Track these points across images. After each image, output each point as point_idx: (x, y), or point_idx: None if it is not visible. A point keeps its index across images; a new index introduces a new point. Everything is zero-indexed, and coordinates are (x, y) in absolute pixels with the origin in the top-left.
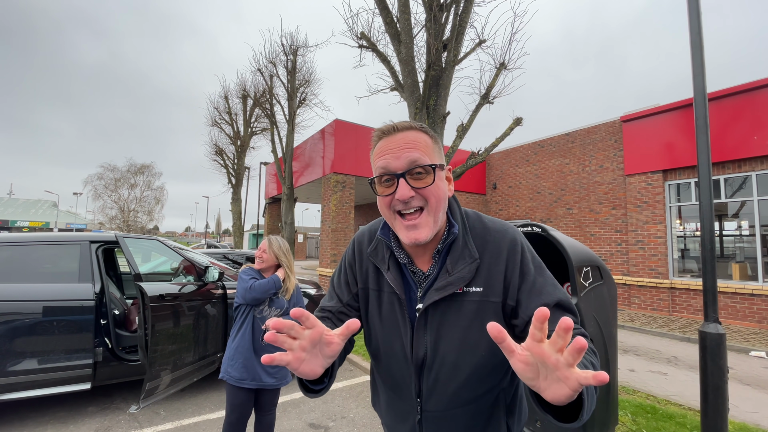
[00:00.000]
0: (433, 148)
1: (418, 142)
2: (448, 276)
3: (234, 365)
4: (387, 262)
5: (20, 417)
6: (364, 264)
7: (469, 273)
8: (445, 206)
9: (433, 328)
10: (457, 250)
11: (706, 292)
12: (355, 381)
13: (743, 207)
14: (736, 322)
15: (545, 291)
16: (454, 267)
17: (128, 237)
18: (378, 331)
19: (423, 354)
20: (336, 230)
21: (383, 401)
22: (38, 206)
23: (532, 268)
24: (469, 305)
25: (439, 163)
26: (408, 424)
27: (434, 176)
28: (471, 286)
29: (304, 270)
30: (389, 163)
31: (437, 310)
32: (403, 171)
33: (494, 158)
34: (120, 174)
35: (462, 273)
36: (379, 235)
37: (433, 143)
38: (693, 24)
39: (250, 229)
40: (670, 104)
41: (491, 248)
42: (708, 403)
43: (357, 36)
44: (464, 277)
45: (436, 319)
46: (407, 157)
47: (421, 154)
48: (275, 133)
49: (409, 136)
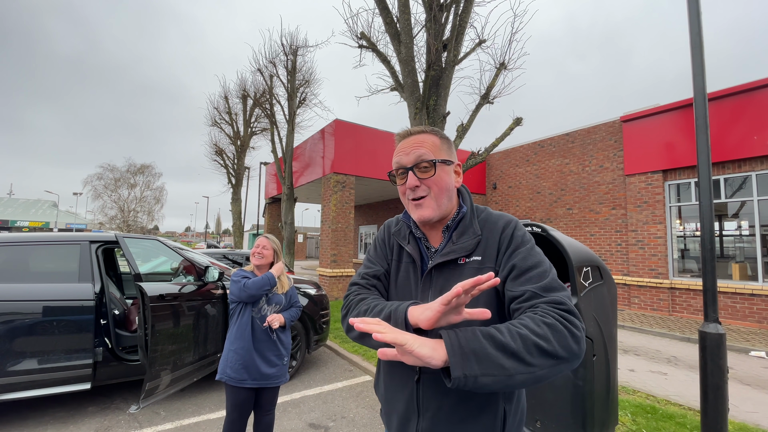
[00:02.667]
0: (440, 146)
1: (425, 141)
2: (453, 245)
3: (233, 366)
4: (407, 238)
5: (20, 417)
6: (390, 241)
7: (471, 245)
8: (449, 194)
9: (437, 290)
10: (463, 226)
11: (706, 292)
12: (355, 381)
13: (743, 207)
14: (736, 322)
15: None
16: (458, 239)
17: (128, 237)
18: (393, 296)
19: None
20: (336, 230)
21: (384, 373)
22: (38, 206)
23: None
24: (468, 272)
25: (442, 159)
26: (407, 390)
27: (435, 169)
28: (472, 256)
29: (304, 270)
30: (402, 159)
31: (441, 274)
32: (411, 165)
33: (494, 158)
34: (120, 174)
35: (464, 244)
36: (401, 218)
37: (441, 143)
38: (693, 24)
39: (250, 229)
40: (670, 104)
41: (490, 226)
42: (708, 403)
43: (357, 36)
44: (466, 248)
45: (440, 282)
46: (414, 153)
47: (426, 151)
48: (275, 133)
49: (418, 138)
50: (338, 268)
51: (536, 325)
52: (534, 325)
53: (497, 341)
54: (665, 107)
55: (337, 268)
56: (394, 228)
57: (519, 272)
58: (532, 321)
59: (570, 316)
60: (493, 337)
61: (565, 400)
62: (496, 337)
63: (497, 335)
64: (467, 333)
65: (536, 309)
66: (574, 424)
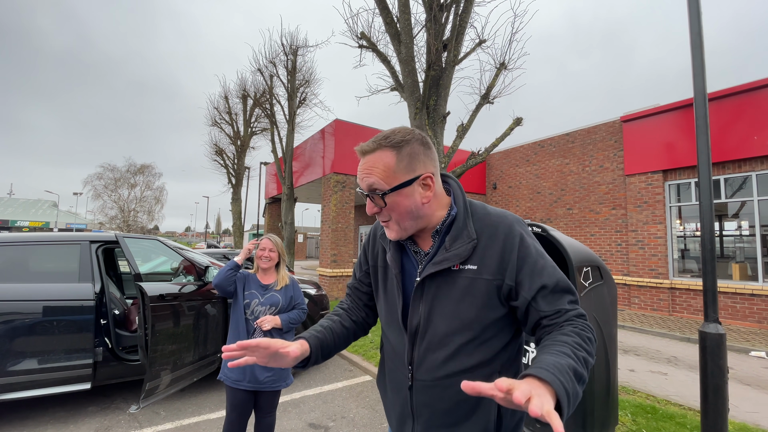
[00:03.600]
0: (395, 167)
1: (375, 166)
2: (446, 252)
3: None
4: (389, 244)
5: (20, 417)
6: (376, 246)
7: (466, 251)
8: (415, 214)
9: (428, 300)
10: (456, 230)
11: (706, 292)
12: (355, 381)
13: (743, 207)
14: (736, 322)
15: (546, 272)
16: (452, 245)
17: (128, 237)
18: (383, 302)
19: (417, 323)
20: (336, 230)
21: (387, 372)
22: (38, 206)
23: (533, 252)
24: (462, 281)
25: (396, 186)
26: (402, 394)
27: (384, 201)
28: (467, 264)
29: (304, 270)
30: (360, 182)
31: (433, 283)
32: (366, 192)
33: (494, 158)
34: (120, 174)
35: (459, 251)
36: None
37: (397, 162)
38: (693, 24)
39: (250, 229)
40: (670, 104)
41: (489, 230)
42: (708, 403)
43: (357, 36)
44: (460, 255)
45: (431, 292)
46: (365, 182)
47: (376, 179)
48: (275, 133)
49: (370, 161)
50: (338, 268)
51: (587, 344)
52: (586, 345)
53: (578, 374)
54: (665, 107)
55: (337, 268)
56: (380, 231)
57: (549, 291)
58: (584, 342)
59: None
60: (576, 371)
61: None
62: (577, 371)
63: (578, 368)
64: (565, 375)
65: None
66: (574, 424)
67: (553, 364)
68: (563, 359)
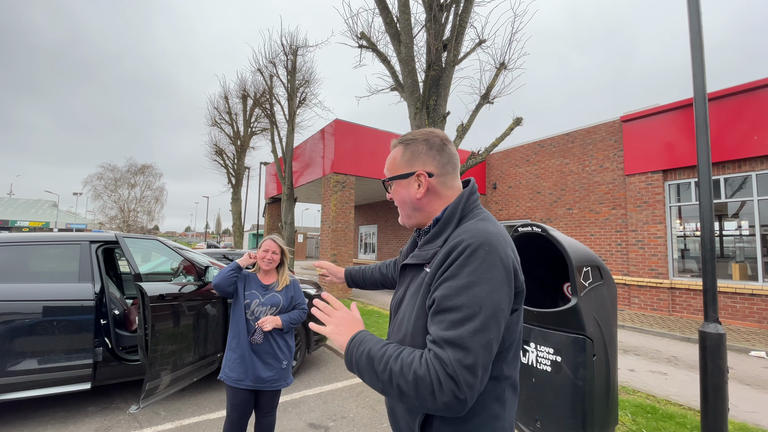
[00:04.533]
0: (399, 161)
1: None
2: (418, 251)
3: (231, 365)
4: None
5: (20, 417)
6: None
7: (428, 256)
8: (411, 205)
9: (404, 287)
10: (432, 234)
11: (706, 292)
12: (355, 381)
13: (743, 207)
14: (736, 322)
15: (446, 291)
16: (422, 246)
17: (128, 237)
18: None
19: (393, 304)
20: (336, 230)
21: None
22: (38, 206)
23: (457, 271)
24: (420, 279)
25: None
26: None
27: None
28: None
29: (304, 270)
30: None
31: (408, 274)
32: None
33: (494, 158)
34: (120, 174)
35: (423, 253)
36: None
37: (401, 156)
38: (693, 24)
39: (250, 229)
40: (670, 104)
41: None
42: (708, 403)
43: (357, 36)
44: (424, 257)
45: (406, 281)
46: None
47: (386, 169)
48: (275, 133)
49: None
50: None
51: (410, 369)
52: (408, 369)
53: (374, 368)
54: (665, 107)
55: None
56: None
57: (436, 309)
58: (410, 364)
59: (447, 379)
60: (372, 362)
61: (565, 400)
62: (374, 363)
63: (375, 363)
64: (360, 349)
65: (426, 353)
66: (574, 424)
67: (369, 339)
68: (377, 347)
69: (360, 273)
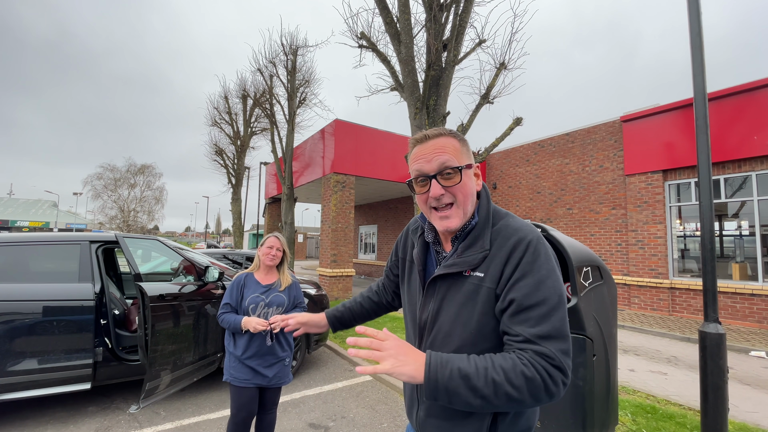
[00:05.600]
0: (461, 150)
1: (446, 146)
2: (457, 258)
3: (234, 366)
4: (417, 241)
5: (20, 417)
6: (408, 240)
7: (476, 260)
8: (473, 199)
9: (438, 299)
10: (471, 239)
11: (706, 292)
12: (355, 381)
13: (743, 207)
14: (736, 322)
15: (524, 290)
16: (463, 252)
17: (128, 237)
18: (405, 294)
19: (426, 318)
20: (336, 230)
21: None
22: (38, 206)
23: (528, 268)
24: (468, 286)
25: (466, 164)
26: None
27: (461, 176)
28: (475, 271)
29: (304, 270)
30: (422, 166)
31: (444, 284)
32: (434, 173)
33: (494, 158)
34: (120, 174)
35: (468, 258)
36: (419, 218)
37: (461, 146)
38: (693, 24)
39: (250, 229)
40: (670, 104)
41: (500, 241)
42: (708, 403)
43: (357, 36)
44: (470, 263)
45: (441, 292)
46: (437, 160)
47: (449, 156)
48: (275, 133)
49: (438, 143)
50: (338, 268)
51: (515, 374)
52: (513, 374)
53: (471, 384)
54: (665, 107)
55: (337, 268)
56: (412, 227)
57: (517, 309)
58: (513, 369)
59: (555, 372)
60: (468, 378)
61: (565, 400)
62: (471, 379)
63: (473, 378)
64: (446, 370)
65: (523, 354)
66: (574, 424)
67: (451, 358)
68: (465, 363)
69: (348, 312)
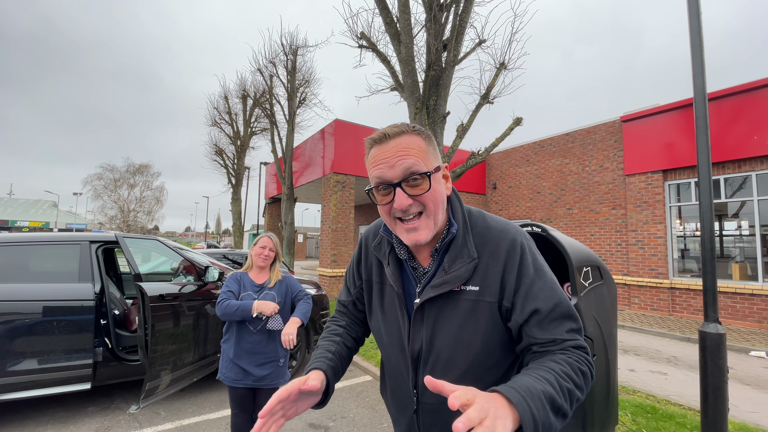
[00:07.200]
0: (428, 150)
1: (410, 147)
2: (445, 274)
3: (227, 365)
4: (387, 258)
5: (20, 417)
6: (369, 258)
7: (466, 272)
8: (443, 206)
9: (430, 324)
10: (456, 249)
11: (706, 292)
12: (355, 381)
13: (743, 207)
14: (736, 322)
15: (542, 295)
16: (451, 266)
17: (128, 237)
18: (381, 322)
19: (419, 348)
20: (336, 230)
21: (388, 389)
22: (38, 206)
23: (531, 272)
24: (464, 303)
25: (434, 168)
26: (407, 415)
27: (430, 182)
28: (468, 285)
29: (304, 270)
30: (384, 173)
31: (434, 306)
32: (399, 180)
33: (494, 158)
34: (119, 174)
35: (459, 272)
36: (381, 231)
37: (427, 145)
38: (693, 24)
39: (250, 229)
40: (670, 104)
41: (491, 248)
42: (708, 403)
43: (357, 36)
44: (461, 276)
45: (432, 315)
46: (401, 165)
47: (415, 160)
48: (275, 133)
49: (401, 143)
50: (338, 268)
51: (577, 376)
52: (576, 376)
53: (556, 406)
54: (665, 107)
55: (337, 268)
56: (372, 242)
57: (543, 317)
58: (574, 372)
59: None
60: (553, 401)
61: None
62: (555, 401)
63: (556, 399)
64: (536, 401)
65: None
66: (574, 424)
67: (527, 386)
68: (541, 385)
69: (338, 360)
